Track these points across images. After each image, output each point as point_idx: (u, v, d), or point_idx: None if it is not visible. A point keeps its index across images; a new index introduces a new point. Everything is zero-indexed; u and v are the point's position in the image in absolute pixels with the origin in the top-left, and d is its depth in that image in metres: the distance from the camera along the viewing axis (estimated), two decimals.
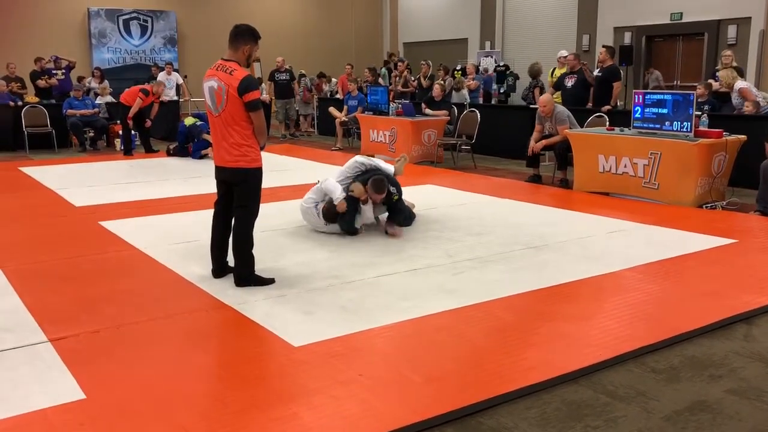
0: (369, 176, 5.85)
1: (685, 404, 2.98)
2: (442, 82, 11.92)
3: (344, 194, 5.74)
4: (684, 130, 7.06)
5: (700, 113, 7.43)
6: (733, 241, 5.62)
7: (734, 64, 9.12)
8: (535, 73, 12.36)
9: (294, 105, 14.80)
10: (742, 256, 5.21)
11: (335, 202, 5.69)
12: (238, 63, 4.36)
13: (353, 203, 5.77)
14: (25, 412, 2.89)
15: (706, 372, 3.29)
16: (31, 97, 13.33)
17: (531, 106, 10.84)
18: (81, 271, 4.94)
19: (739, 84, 8.71)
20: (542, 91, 11.77)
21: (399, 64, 15.59)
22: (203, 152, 10.80)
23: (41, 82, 13.68)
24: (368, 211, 5.91)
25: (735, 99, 8.82)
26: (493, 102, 14.38)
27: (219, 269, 4.70)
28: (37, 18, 18.30)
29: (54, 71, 13.97)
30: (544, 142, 8.41)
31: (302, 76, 15.54)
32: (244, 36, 4.40)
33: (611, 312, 4.04)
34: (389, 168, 6.27)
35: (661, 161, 7.10)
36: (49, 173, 9.56)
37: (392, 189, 5.89)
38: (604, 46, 10.26)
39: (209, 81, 4.40)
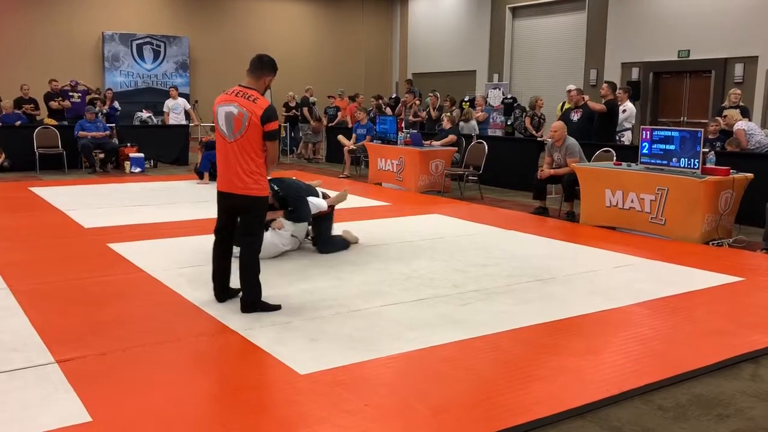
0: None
1: None
2: (449, 113, 12.03)
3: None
4: (691, 166, 7.09)
5: (708, 150, 7.46)
6: (740, 279, 5.62)
7: (741, 103, 9.23)
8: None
9: (308, 130, 15.46)
10: (748, 295, 5.20)
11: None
12: (257, 91, 4.44)
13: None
14: None
15: (714, 411, 3.27)
16: (49, 120, 13.51)
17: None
18: (89, 293, 4.96)
19: (738, 125, 8.82)
20: (533, 121, 12.23)
21: (407, 95, 15.75)
22: None
23: (54, 104, 13.87)
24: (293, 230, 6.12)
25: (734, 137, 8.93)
26: (498, 133, 14.52)
27: (222, 293, 4.72)
28: (53, 41, 18.62)
29: (70, 93, 14.18)
30: (552, 171, 8.49)
31: (313, 104, 15.84)
32: (268, 67, 4.51)
33: (618, 347, 4.03)
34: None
35: (668, 197, 7.12)
36: (58, 194, 9.63)
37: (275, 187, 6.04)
38: (605, 82, 10.56)
39: (227, 106, 4.39)
